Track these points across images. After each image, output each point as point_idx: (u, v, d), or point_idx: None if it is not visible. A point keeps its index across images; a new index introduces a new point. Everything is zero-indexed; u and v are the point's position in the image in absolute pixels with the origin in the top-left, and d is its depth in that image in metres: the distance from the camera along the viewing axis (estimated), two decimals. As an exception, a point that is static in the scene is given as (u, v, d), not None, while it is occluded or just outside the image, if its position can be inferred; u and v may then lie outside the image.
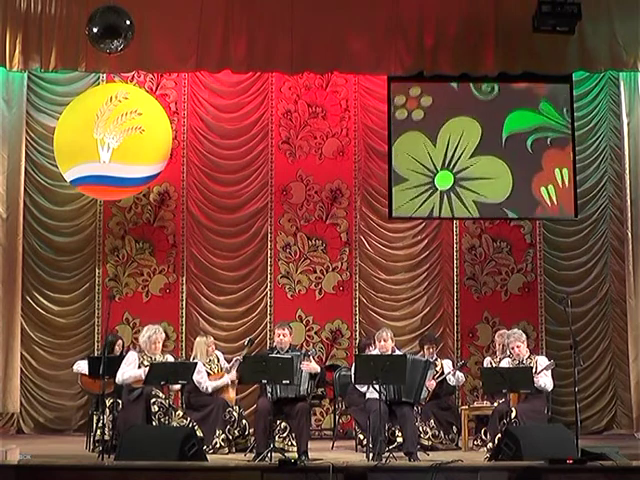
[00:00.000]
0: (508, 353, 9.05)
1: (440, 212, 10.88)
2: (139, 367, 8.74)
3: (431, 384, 9.29)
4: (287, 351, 8.79)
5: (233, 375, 9.31)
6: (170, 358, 9.11)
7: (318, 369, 8.97)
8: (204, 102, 11.34)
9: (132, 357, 8.85)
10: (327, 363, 10.84)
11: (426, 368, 8.82)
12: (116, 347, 9.66)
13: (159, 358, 8.87)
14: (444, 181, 10.88)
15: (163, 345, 9.07)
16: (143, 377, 8.57)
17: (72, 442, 9.96)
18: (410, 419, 8.59)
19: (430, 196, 10.87)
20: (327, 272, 11.26)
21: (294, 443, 8.72)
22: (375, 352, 8.98)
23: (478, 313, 11.23)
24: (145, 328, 9.07)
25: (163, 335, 9.06)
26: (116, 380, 8.76)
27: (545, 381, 8.73)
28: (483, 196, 10.84)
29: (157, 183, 11.14)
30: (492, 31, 10.39)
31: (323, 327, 11.19)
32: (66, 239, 11.18)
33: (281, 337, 8.89)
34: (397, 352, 8.96)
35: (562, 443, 7.64)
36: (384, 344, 8.84)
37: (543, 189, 10.88)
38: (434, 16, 10.43)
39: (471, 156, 10.87)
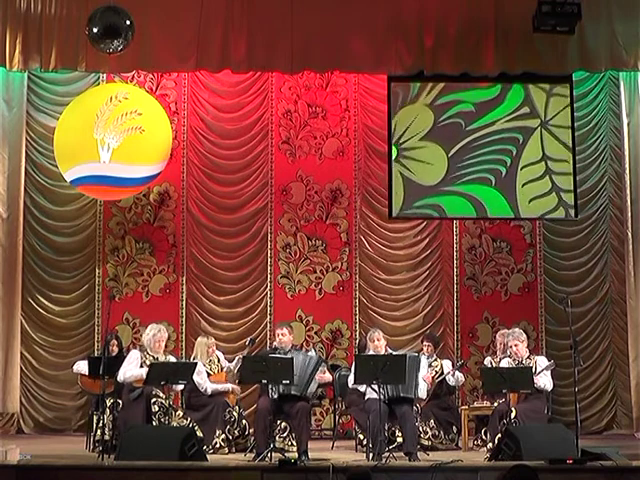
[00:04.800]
0: (509, 353, 9.06)
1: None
2: (141, 366, 8.72)
3: (427, 377, 9.25)
4: (288, 351, 8.78)
5: (238, 388, 9.38)
6: (172, 359, 9.10)
7: (330, 378, 9.11)
8: (204, 102, 11.34)
9: (134, 356, 8.82)
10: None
11: (417, 362, 8.72)
12: (110, 347, 9.54)
13: (161, 358, 8.86)
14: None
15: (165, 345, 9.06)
16: (144, 377, 8.56)
17: (72, 442, 9.93)
18: (410, 419, 8.57)
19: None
20: (327, 272, 11.26)
21: (294, 443, 8.71)
22: (370, 353, 8.95)
23: (478, 313, 11.23)
24: (149, 327, 9.05)
25: (166, 335, 9.07)
26: (117, 378, 8.73)
27: (545, 381, 8.73)
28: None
29: (157, 183, 11.14)
30: (492, 31, 10.39)
31: (323, 327, 11.18)
32: (66, 239, 11.18)
33: (280, 337, 8.90)
34: (389, 351, 8.96)
35: (562, 443, 7.65)
36: (378, 343, 8.84)
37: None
38: (434, 16, 10.43)
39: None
